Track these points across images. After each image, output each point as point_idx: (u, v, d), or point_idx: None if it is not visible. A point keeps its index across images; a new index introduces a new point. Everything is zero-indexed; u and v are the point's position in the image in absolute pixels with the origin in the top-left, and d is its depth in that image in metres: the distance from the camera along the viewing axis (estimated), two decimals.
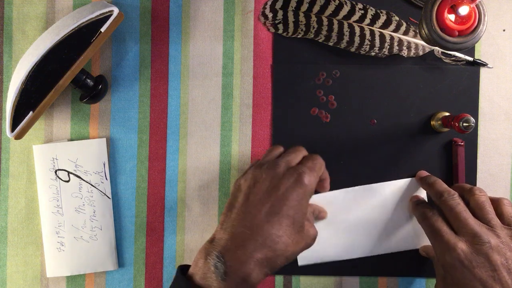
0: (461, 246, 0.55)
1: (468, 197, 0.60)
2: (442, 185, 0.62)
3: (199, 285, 0.53)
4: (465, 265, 0.54)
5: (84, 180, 0.67)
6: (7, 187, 0.67)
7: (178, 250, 0.68)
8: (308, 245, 0.58)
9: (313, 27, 0.66)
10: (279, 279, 0.67)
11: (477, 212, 0.59)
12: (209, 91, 0.68)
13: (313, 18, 0.66)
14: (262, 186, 0.56)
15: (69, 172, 0.67)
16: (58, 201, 0.66)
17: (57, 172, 0.67)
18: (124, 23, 0.67)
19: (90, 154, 0.67)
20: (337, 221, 0.66)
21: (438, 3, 0.56)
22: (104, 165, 0.67)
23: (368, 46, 0.66)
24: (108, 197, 0.67)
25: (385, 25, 0.66)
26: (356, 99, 0.67)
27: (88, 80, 0.64)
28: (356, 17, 0.66)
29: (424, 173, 0.66)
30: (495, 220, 0.58)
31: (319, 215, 0.65)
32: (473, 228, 0.56)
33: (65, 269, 0.67)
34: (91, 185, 0.67)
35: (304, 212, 0.56)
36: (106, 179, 0.67)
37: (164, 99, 0.68)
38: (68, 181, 0.67)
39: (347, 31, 0.66)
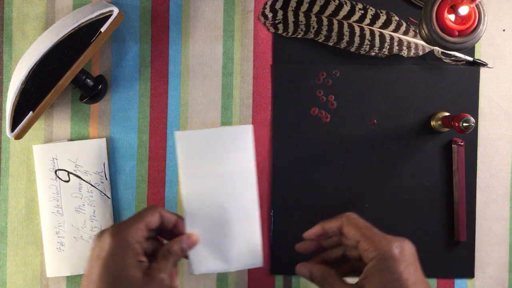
0: (405, 242, 0.55)
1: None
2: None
3: None
4: (406, 259, 0.55)
5: (84, 180, 0.67)
6: (7, 187, 0.67)
7: None
8: None
9: (313, 27, 0.66)
10: (279, 279, 0.67)
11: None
12: (209, 91, 0.68)
13: (313, 18, 0.66)
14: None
15: (69, 172, 0.67)
16: (58, 201, 0.66)
17: (57, 172, 0.67)
18: (124, 23, 0.67)
19: (90, 154, 0.67)
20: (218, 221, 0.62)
21: (438, 3, 0.56)
22: (104, 165, 0.67)
23: (368, 46, 0.66)
24: (108, 197, 0.67)
25: (385, 25, 0.66)
26: (356, 99, 0.67)
27: (88, 80, 0.64)
28: (356, 17, 0.66)
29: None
30: None
31: (185, 246, 0.60)
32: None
33: (65, 269, 0.67)
34: (91, 185, 0.67)
35: (111, 268, 0.55)
36: (106, 179, 0.67)
37: (164, 99, 0.68)
38: (68, 181, 0.67)
39: (347, 31, 0.66)
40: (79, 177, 0.67)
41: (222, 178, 0.61)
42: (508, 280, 0.68)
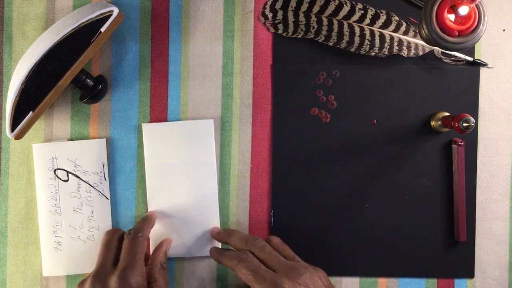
0: (285, 280, 0.56)
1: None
2: (242, 233, 0.64)
3: None
4: None
5: (83, 180, 0.67)
6: (7, 187, 0.67)
7: None
8: None
9: (313, 27, 0.66)
10: None
11: (280, 252, 0.61)
12: (209, 91, 0.68)
13: (313, 18, 0.66)
14: None
15: (68, 172, 0.67)
16: (56, 200, 0.66)
17: (56, 172, 0.67)
18: (124, 23, 0.67)
19: (89, 154, 0.67)
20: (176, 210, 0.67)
21: (438, 3, 0.56)
22: (103, 165, 0.67)
23: (368, 46, 0.66)
24: (107, 198, 0.67)
25: (385, 25, 0.66)
26: (356, 99, 0.67)
27: (88, 80, 0.64)
28: (356, 17, 0.66)
29: (217, 228, 0.66)
30: (294, 254, 0.61)
31: (165, 252, 0.65)
32: (288, 263, 0.59)
33: (62, 269, 0.66)
34: (90, 185, 0.67)
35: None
36: (105, 179, 0.67)
37: (164, 99, 0.68)
38: (66, 181, 0.67)
39: (347, 31, 0.66)
40: (78, 177, 0.67)
41: (184, 169, 0.66)
42: (508, 280, 0.68)
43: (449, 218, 0.67)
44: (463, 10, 0.55)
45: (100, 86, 0.64)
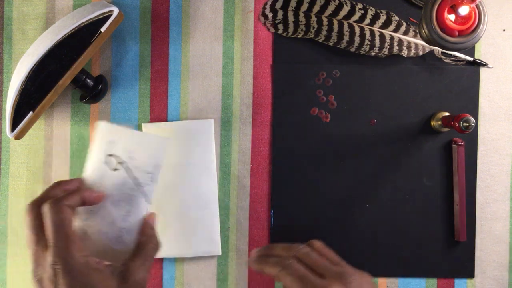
0: (336, 286, 0.54)
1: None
2: (284, 243, 0.61)
3: None
4: None
5: (131, 174, 0.59)
6: (7, 187, 0.67)
7: None
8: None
9: (313, 27, 0.66)
10: None
11: (324, 257, 0.59)
12: (209, 91, 0.68)
13: (313, 18, 0.66)
14: None
15: (119, 162, 0.59)
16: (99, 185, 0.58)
17: (108, 157, 0.59)
18: (124, 23, 0.67)
19: (147, 150, 0.59)
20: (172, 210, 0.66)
21: (438, 3, 0.56)
22: (157, 167, 0.60)
23: (368, 46, 0.66)
24: (148, 202, 0.60)
25: (385, 25, 0.66)
26: (356, 99, 0.67)
27: (88, 80, 0.64)
28: (356, 17, 0.66)
29: (254, 251, 0.62)
30: (339, 258, 0.59)
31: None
32: (336, 269, 0.56)
33: None
34: (136, 182, 0.59)
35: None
36: (152, 181, 0.60)
37: (164, 99, 0.68)
38: (115, 170, 0.59)
39: (347, 31, 0.66)
40: (128, 169, 0.59)
41: (184, 169, 0.66)
42: (508, 280, 0.68)
43: (449, 218, 0.67)
44: (463, 10, 0.55)
45: (100, 86, 0.64)
